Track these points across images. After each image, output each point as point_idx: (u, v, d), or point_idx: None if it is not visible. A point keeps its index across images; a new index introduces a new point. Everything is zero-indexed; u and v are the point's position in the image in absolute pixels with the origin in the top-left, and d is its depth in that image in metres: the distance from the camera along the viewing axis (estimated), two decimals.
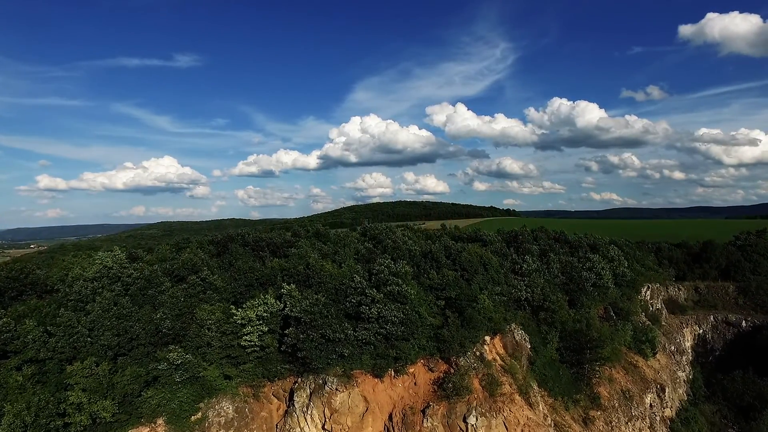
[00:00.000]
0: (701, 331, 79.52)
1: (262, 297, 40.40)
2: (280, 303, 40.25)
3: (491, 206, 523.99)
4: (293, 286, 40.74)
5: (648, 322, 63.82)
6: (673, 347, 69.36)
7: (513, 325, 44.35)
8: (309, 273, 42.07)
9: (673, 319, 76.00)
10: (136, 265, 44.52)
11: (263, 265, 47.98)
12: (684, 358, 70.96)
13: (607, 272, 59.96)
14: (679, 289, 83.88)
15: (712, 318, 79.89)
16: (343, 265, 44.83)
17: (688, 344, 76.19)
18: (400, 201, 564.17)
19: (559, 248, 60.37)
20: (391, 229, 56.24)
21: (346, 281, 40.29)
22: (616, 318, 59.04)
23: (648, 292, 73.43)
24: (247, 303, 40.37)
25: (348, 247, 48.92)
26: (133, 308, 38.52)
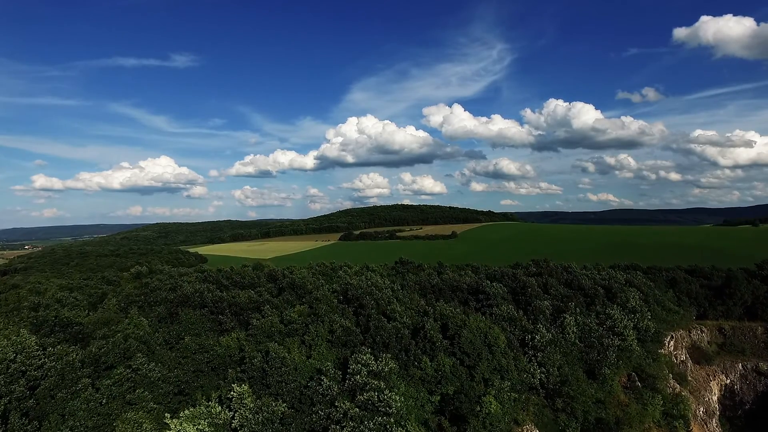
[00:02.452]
0: (728, 381, 71.02)
1: (205, 404, 31.32)
2: (229, 412, 31.22)
3: (488, 210, 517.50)
4: (245, 388, 31.68)
5: (677, 387, 55.16)
6: (702, 408, 60.80)
7: (526, 428, 35.54)
8: (267, 369, 32.97)
9: (698, 371, 67.44)
10: (51, 351, 35.33)
11: (217, 343, 38.85)
12: (714, 420, 62.36)
13: (631, 331, 51.15)
14: (702, 332, 75.32)
15: (740, 366, 71.33)
16: (313, 350, 35.81)
17: (714, 398, 67.70)
18: (397, 204, 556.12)
19: (574, 304, 51.49)
20: (377, 286, 47.14)
21: (312, 384, 31.26)
22: (641, 386, 50.31)
23: (672, 343, 64.78)
24: (186, 411, 31.30)
25: (322, 320, 39.80)
26: (29, 426, 29.39)
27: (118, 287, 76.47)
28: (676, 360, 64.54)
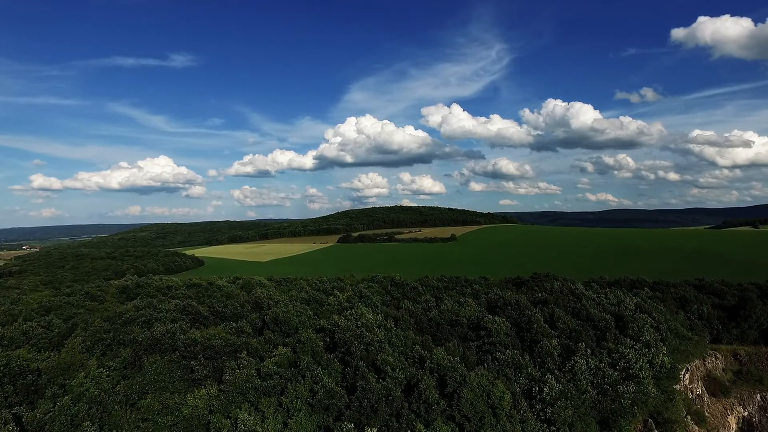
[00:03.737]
0: (746, 413, 66.58)
1: None
2: None
3: (488, 212, 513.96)
4: None
5: (696, 429, 50.63)
6: None
7: None
8: None
9: (715, 405, 63.01)
10: None
11: (183, 402, 34.24)
12: None
13: (647, 373, 46.64)
14: (717, 358, 70.91)
15: (758, 397, 66.86)
16: (291, 417, 31.19)
17: None
18: (396, 206, 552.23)
19: (585, 345, 46.84)
20: (368, 326, 42.54)
21: None
22: None
23: (687, 376, 60.31)
24: None
25: (303, 374, 35.14)
26: None
27: (93, 313, 71.80)
28: (692, 394, 60.12)
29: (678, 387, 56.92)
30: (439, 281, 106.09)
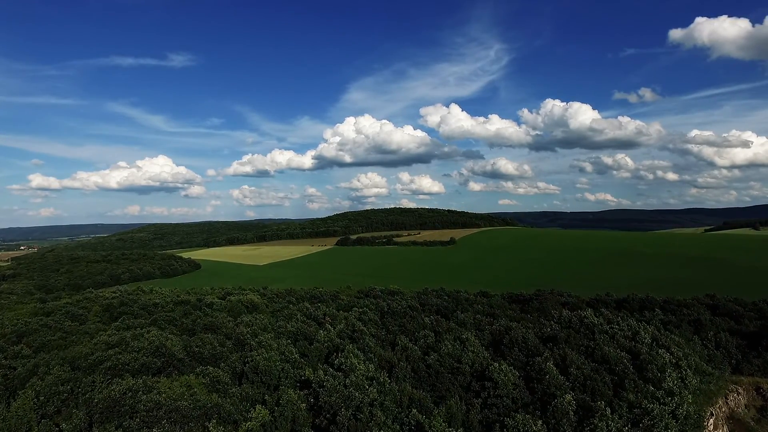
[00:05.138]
0: None
1: None
2: None
3: (488, 214, 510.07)
4: None
5: None
6: None
7: None
8: None
9: None
10: None
11: None
12: None
13: (674, 430, 41.41)
14: (739, 393, 65.82)
15: None
16: None
17: None
18: (395, 208, 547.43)
19: (604, 404, 41.45)
20: (360, 386, 37.21)
21: None
22: None
23: (711, 421, 55.03)
24: None
25: None
26: None
27: (66, 342, 66.40)
28: None
29: None
30: (438, 298, 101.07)
